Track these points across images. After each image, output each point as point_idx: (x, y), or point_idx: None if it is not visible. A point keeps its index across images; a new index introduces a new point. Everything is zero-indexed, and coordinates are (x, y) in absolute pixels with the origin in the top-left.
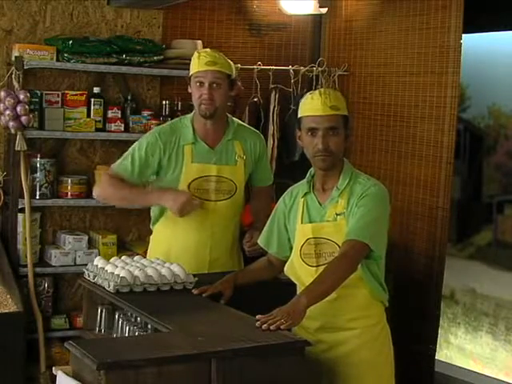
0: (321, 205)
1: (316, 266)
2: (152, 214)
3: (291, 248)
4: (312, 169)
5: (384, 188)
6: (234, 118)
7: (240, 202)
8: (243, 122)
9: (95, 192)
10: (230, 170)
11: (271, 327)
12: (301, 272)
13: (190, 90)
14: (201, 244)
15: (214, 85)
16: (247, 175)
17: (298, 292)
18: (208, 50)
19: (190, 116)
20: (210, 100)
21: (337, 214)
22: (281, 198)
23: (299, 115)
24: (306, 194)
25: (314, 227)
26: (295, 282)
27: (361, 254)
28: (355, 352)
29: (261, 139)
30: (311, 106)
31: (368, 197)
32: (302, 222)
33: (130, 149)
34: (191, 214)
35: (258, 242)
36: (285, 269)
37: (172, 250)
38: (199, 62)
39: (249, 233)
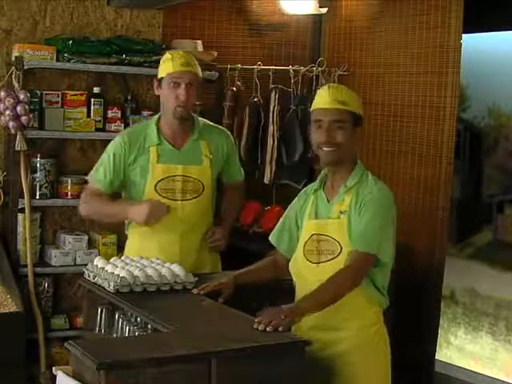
0: (329, 202)
1: (317, 263)
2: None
3: None
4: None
5: (389, 192)
6: (199, 118)
7: (208, 202)
8: (243, 122)
9: (80, 211)
10: (196, 169)
11: (268, 329)
12: (302, 268)
13: (157, 92)
14: (171, 244)
15: (189, 85)
16: (215, 174)
17: (296, 292)
18: (180, 51)
19: (155, 118)
20: (186, 101)
21: (340, 212)
22: (296, 197)
23: (311, 109)
24: (316, 190)
25: (318, 223)
26: (295, 279)
27: (368, 266)
28: (349, 352)
29: (228, 137)
30: (320, 99)
31: (373, 201)
32: (309, 219)
33: (101, 158)
34: (161, 220)
35: (270, 238)
36: (289, 264)
37: (144, 249)
38: (173, 63)
39: (212, 229)
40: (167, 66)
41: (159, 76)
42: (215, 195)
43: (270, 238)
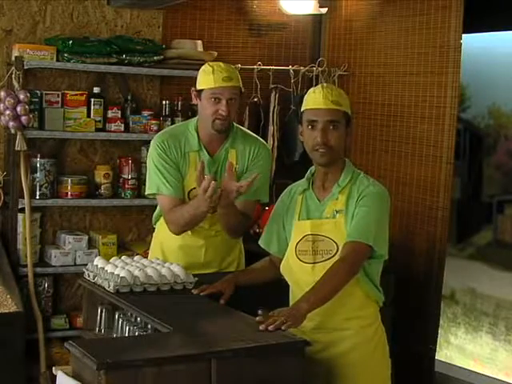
0: (320, 201)
1: (312, 263)
2: (155, 212)
3: None
4: (313, 167)
5: (383, 187)
6: (237, 126)
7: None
8: (243, 122)
9: (171, 231)
10: (221, 180)
11: (270, 327)
12: (296, 270)
13: (195, 101)
14: (196, 246)
15: (230, 100)
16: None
17: (291, 293)
18: (221, 63)
19: (193, 123)
20: (227, 116)
21: (336, 211)
22: (279, 198)
23: (301, 109)
24: (304, 190)
25: (312, 223)
26: (289, 281)
27: (363, 257)
28: (350, 352)
29: (259, 146)
30: (313, 99)
31: (368, 197)
32: (299, 219)
33: (149, 170)
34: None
35: (259, 243)
36: (280, 268)
37: (167, 248)
38: (215, 77)
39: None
40: (208, 79)
41: (198, 87)
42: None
43: (259, 243)
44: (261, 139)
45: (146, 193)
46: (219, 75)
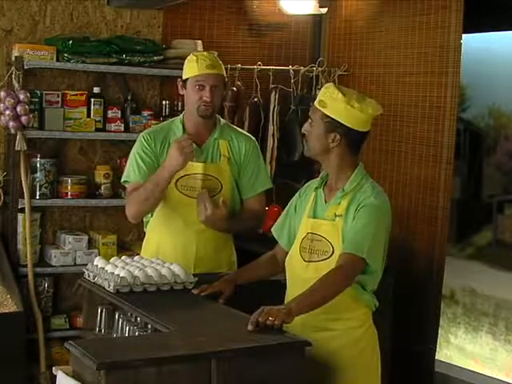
0: (326, 202)
1: (307, 262)
2: (145, 219)
3: None
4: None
5: (386, 199)
6: (222, 119)
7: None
8: (243, 122)
9: (128, 215)
10: (214, 167)
11: (268, 322)
12: (296, 264)
13: (181, 92)
14: (188, 242)
15: (214, 87)
16: (234, 174)
17: (287, 288)
18: (204, 52)
19: (180, 117)
20: (211, 102)
21: (336, 215)
22: (297, 192)
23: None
24: (316, 188)
25: (313, 223)
26: (287, 275)
27: (357, 268)
28: (335, 353)
29: (249, 141)
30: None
31: (367, 208)
32: (307, 216)
33: (130, 160)
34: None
35: (272, 230)
36: (286, 259)
37: (160, 248)
38: (199, 65)
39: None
40: (192, 67)
41: (184, 77)
42: (236, 197)
43: (272, 230)
44: (247, 133)
45: (121, 180)
46: (203, 63)
